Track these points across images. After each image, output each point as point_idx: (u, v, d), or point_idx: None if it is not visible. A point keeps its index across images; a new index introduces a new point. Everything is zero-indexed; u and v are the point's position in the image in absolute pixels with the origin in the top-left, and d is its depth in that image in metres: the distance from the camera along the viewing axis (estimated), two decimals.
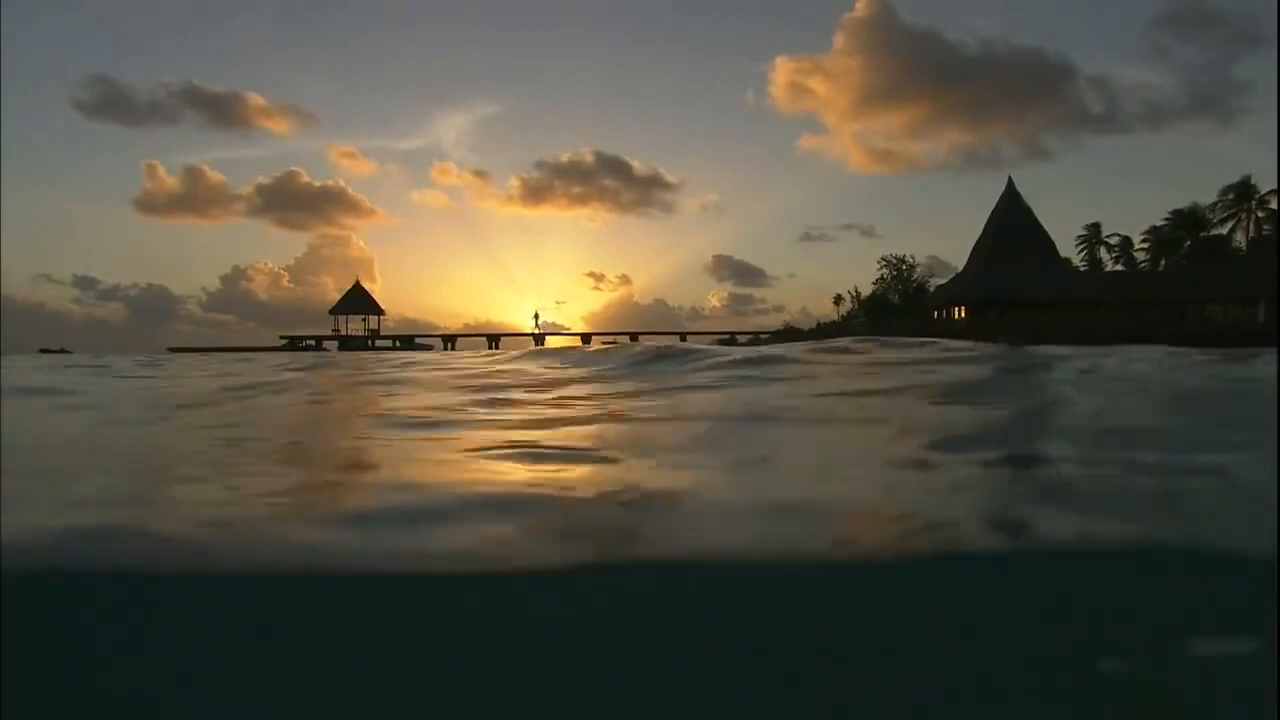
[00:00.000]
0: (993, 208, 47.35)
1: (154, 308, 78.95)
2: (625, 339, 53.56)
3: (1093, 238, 56.49)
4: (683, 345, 7.81)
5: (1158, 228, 53.43)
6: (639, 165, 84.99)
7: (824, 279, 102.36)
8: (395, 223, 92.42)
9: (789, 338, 45.73)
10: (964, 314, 43.30)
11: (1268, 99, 60.30)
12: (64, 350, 42.78)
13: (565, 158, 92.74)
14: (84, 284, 78.78)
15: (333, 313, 59.68)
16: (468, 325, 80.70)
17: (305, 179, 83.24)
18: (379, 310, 60.28)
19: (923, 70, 70.87)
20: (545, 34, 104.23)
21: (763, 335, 52.26)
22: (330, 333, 57.86)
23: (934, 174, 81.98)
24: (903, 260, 58.98)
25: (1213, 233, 51.00)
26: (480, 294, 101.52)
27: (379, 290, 64.03)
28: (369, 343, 55.71)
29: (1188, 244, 51.32)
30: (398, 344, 53.71)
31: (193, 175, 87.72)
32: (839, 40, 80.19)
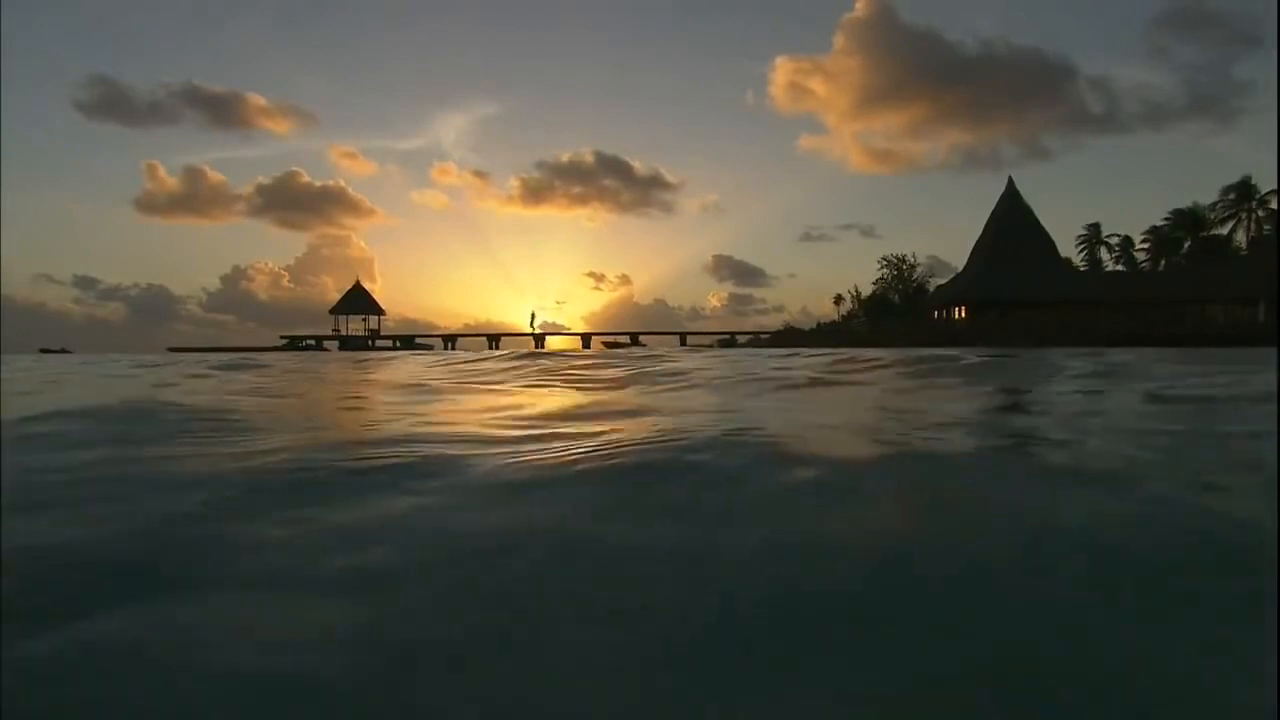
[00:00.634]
0: (993, 208, 47.34)
1: (154, 308, 79.19)
2: (626, 339, 53.70)
3: (1093, 238, 56.44)
4: None
5: (1158, 228, 53.42)
6: (639, 165, 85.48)
7: (824, 279, 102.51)
8: (395, 223, 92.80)
9: (789, 338, 45.71)
10: (964, 314, 43.28)
11: (1268, 99, 60.43)
12: (64, 350, 42.86)
13: (565, 158, 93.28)
14: (84, 284, 79.22)
15: (333, 313, 59.71)
16: (468, 325, 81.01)
17: (305, 179, 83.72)
18: (379, 310, 60.33)
19: (922, 70, 71.04)
20: (545, 34, 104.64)
21: (763, 335, 52.21)
22: (330, 333, 57.88)
23: (934, 174, 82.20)
24: (903, 260, 58.98)
25: (1213, 233, 50.96)
26: (480, 294, 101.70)
27: (379, 290, 64.16)
28: (369, 343, 55.68)
29: (1188, 244, 51.28)
30: (398, 344, 53.68)
31: (193, 175, 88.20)
32: (839, 40, 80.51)
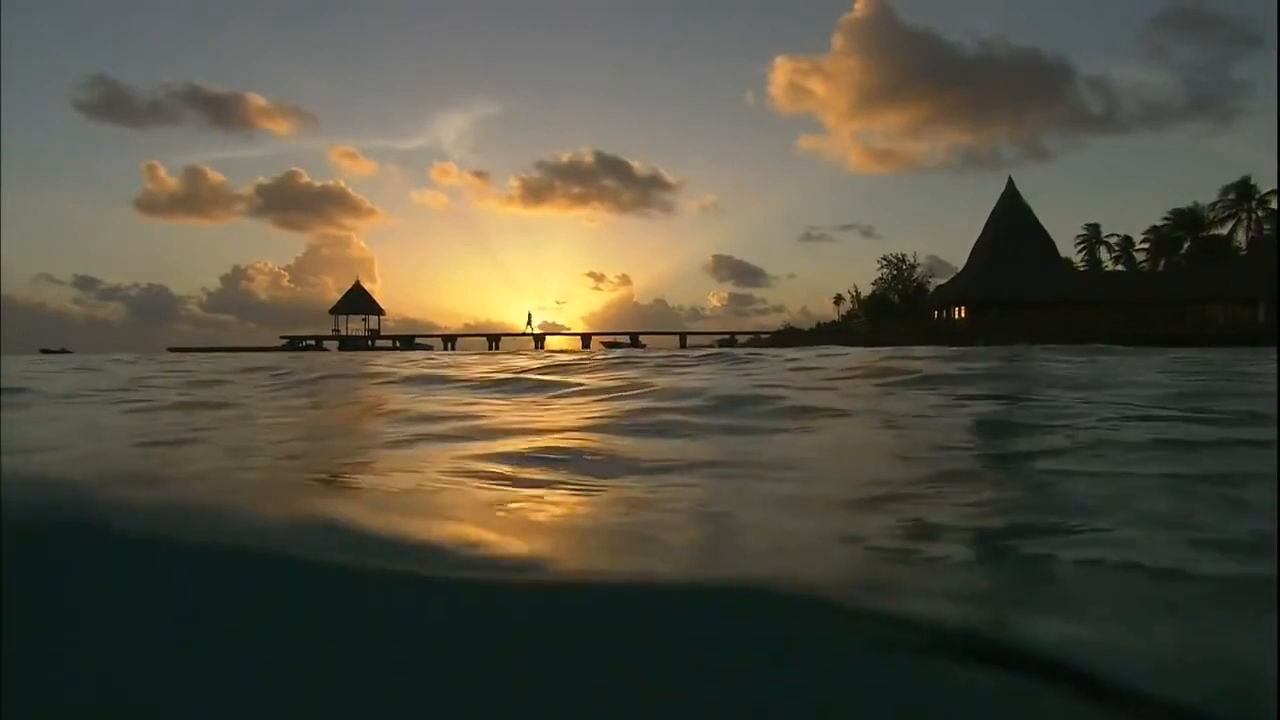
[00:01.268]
0: (993, 208, 47.38)
1: (154, 308, 79.13)
2: (625, 339, 53.70)
3: (1093, 238, 56.42)
4: None
5: (1158, 228, 53.41)
6: (639, 165, 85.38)
7: (824, 279, 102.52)
8: (395, 223, 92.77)
9: (789, 338, 45.72)
10: (964, 314, 43.30)
11: (1267, 99, 60.38)
12: (65, 350, 42.87)
13: (565, 158, 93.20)
14: (84, 284, 79.13)
15: (333, 313, 59.76)
16: (468, 325, 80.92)
17: (305, 179, 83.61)
18: (379, 310, 60.38)
19: (922, 71, 70.97)
20: (545, 34, 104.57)
21: (763, 335, 52.23)
22: (330, 332, 57.91)
23: (934, 174, 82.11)
24: (903, 260, 58.96)
25: (1213, 233, 50.96)
26: (480, 294, 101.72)
27: (379, 290, 64.16)
28: (369, 343, 55.71)
29: (1188, 244, 51.28)
30: (398, 344, 53.69)
31: (193, 175, 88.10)
32: (838, 41, 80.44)
